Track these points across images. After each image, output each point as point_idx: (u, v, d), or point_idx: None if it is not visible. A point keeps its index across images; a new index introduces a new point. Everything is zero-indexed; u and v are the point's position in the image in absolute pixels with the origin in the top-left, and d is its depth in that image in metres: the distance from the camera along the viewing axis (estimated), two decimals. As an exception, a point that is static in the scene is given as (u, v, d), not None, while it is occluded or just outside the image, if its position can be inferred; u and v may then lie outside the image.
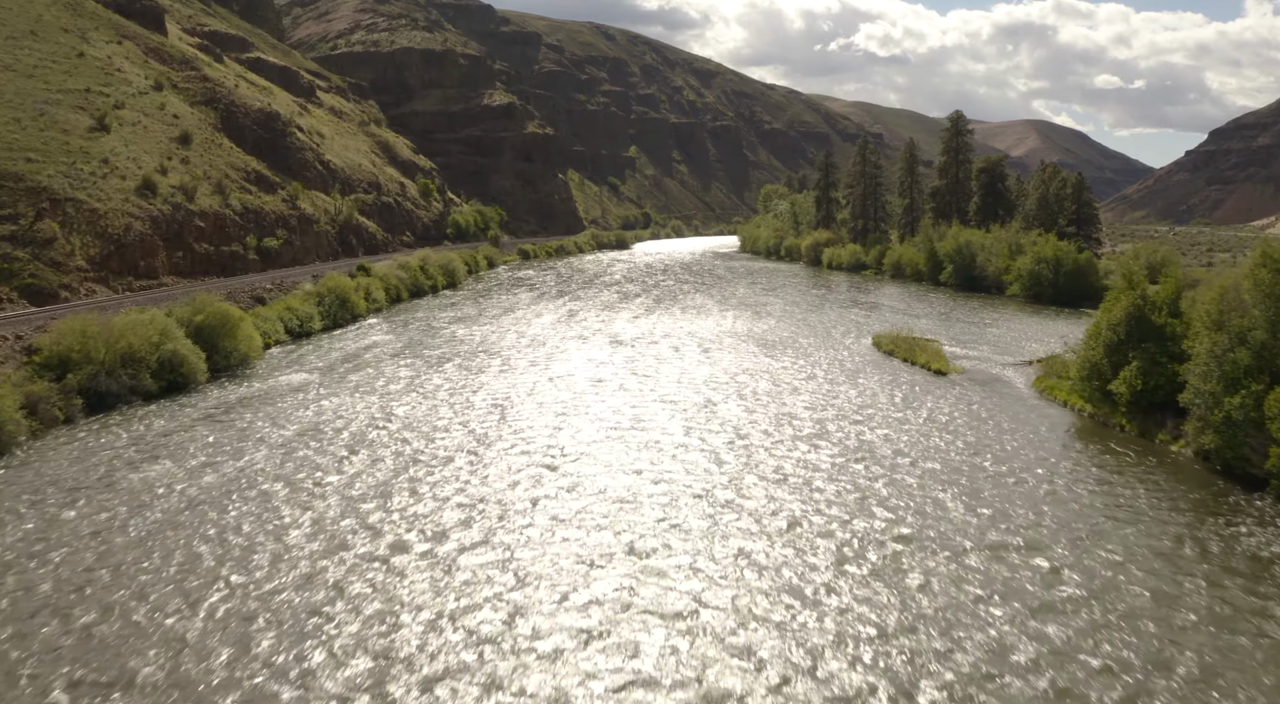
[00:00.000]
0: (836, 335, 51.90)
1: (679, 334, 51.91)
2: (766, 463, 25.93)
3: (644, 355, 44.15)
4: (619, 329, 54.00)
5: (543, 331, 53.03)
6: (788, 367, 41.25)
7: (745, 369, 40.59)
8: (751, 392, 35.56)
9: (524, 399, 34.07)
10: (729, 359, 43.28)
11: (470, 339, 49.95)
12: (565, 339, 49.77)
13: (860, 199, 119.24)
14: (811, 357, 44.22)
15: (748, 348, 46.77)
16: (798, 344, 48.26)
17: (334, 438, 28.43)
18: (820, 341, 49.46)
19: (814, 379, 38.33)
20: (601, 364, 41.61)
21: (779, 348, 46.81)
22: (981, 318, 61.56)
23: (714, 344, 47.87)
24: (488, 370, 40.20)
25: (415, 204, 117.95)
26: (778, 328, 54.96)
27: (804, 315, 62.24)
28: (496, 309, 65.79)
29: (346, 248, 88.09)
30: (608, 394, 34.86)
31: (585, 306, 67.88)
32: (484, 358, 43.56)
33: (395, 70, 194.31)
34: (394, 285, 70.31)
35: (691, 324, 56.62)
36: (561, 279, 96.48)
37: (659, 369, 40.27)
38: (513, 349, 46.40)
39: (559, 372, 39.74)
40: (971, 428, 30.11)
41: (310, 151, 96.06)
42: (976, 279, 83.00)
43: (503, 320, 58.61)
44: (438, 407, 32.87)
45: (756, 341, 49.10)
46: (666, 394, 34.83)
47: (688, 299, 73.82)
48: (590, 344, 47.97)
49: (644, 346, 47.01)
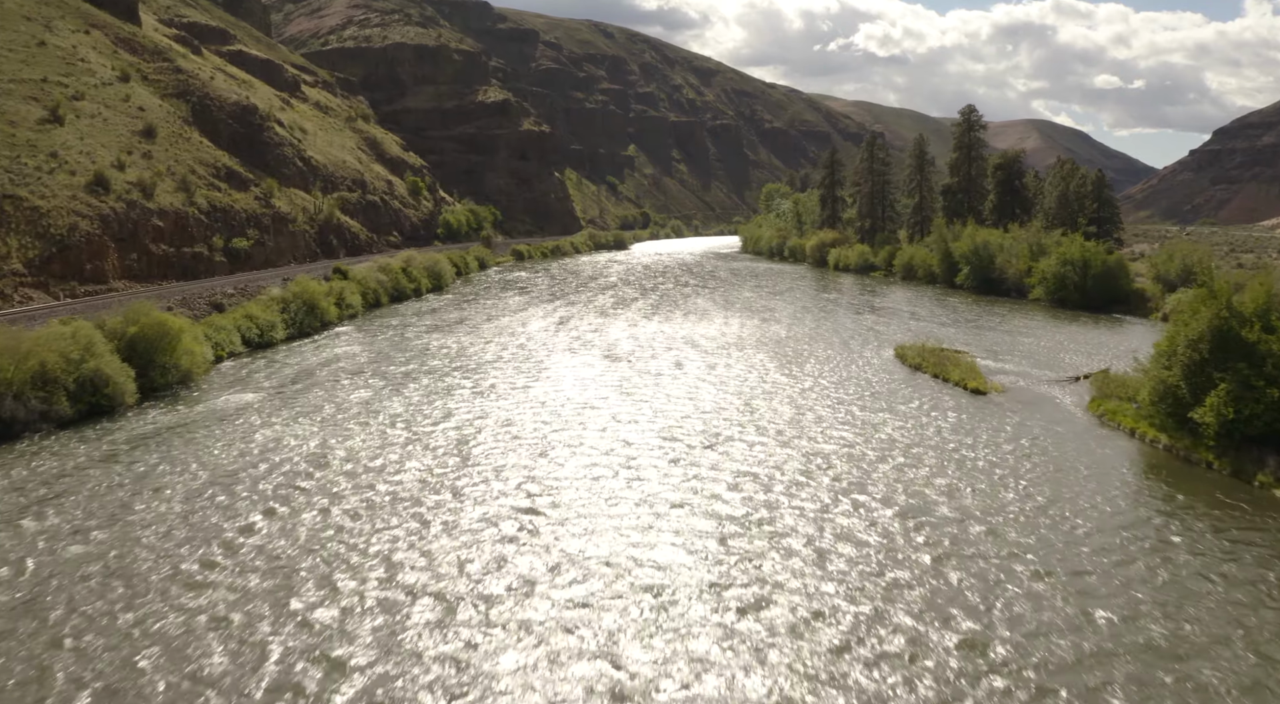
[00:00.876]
0: (855, 346, 46.95)
1: (680, 346, 46.87)
2: (795, 533, 19.89)
3: (641, 373, 38.89)
4: (614, 340, 48.82)
5: (528, 343, 47.90)
6: (807, 387, 36.14)
7: (758, 390, 35.41)
8: (769, 421, 30.17)
9: (495, 434, 28.49)
10: (739, 377, 38.07)
11: (445, 352, 44.87)
12: (553, 352, 44.58)
13: (868, 198, 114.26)
14: (831, 373, 39.23)
15: (758, 362, 41.69)
16: (814, 357, 43.25)
17: (251, 489, 23.21)
18: (838, 353, 44.49)
19: (840, 403, 33.05)
20: (592, 385, 36.24)
21: (793, 362, 41.77)
22: (1008, 325, 56.61)
23: (720, 358, 42.78)
24: (457, 393, 34.80)
25: (404, 203, 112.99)
26: (789, 337, 50.00)
27: (816, 323, 57.30)
28: (481, 316, 60.84)
29: (326, 249, 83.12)
30: (597, 428, 29.29)
31: (578, 313, 62.95)
32: (456, 376, 38.27)
33: (387, 66, 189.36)
34: (372, 289, 65.39)
35: (694, 333, 51.63)
36: (555, 282, 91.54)
37: (658, 391, 34.95)
38: (491, 365, 41.08)
39: (542, 395, 34.30)
40: (1040, 472, 24.96)
41: (290, 147, 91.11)
42: (995, 282, 78.04)
43: (485, 329, 53.63)
44: (390, 443, 27.40)
45: (768, 354, 44.04)
46: (667, 426, 29.37)
47: (689, 304, 68.92)
48: (580, 359, 42.85)
49: (641, 361, 41.88)
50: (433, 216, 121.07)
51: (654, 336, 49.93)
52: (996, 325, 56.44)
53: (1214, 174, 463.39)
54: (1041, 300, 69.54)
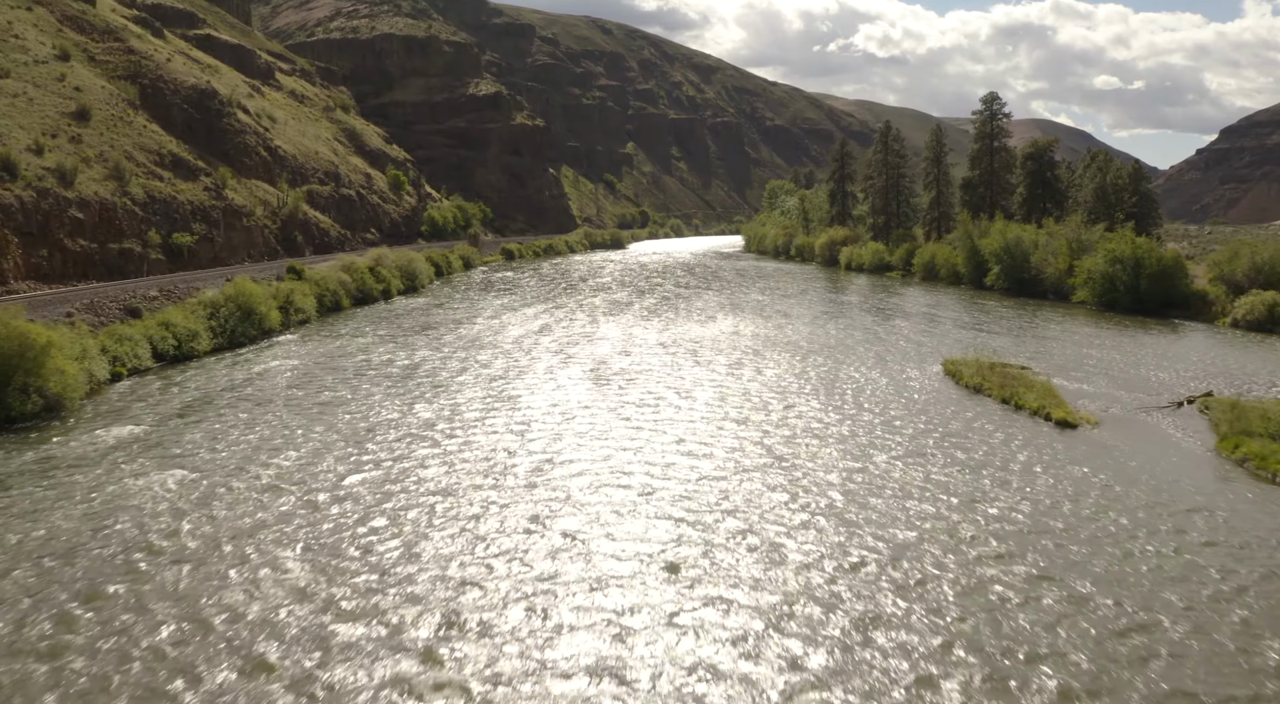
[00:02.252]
0: (893, 360, 39.08)
1: (684, 361, 38.78)
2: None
3: (635, 401, 30.54)
4: (603, 355, 40.48)
5: (497, 359, 39.57)
6: (852, 423, 27.78)
7: (790, 429, 26.88)
8: (817, 489, 20.92)
9: (426, 503, 19.78)
10: (760, 409, 29.61)
11: (390, 371, 36.62)
12: (525, 374, 36.07)
13: (881, 192, 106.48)
14: (876, 400, 31.24)
15: (782, 386, 33.41)
16: (849, 377, 35.21)
17: (72, 577, 15.63)
18: (876, 370, 36.57)
19: (903, 450, 24.42)
20: (569, 423, 27.55)
21: (826, 386, 33.53)
22: (1061, 332, 48.85)
23: (734, 380, 34.48)
24: (382, 437, 25.81)
25: (383, 198, 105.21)
26: (813, 350, 42.05)
27: (840, 330, 49.47)
28: (450, 322, 53.08)
29: (290, 246, 75.36)
30: (569, 498, 20.05)
31: (564, 319, 55.22)
32: (391, 409, 29.58)
33: (375, 58, 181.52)
34: (332, 291, 57.64)
35: (699, 344, 43.60)
36: (544, 282, 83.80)
37: (657, 433, 26.19)
38: (443, 392, 32.46)
39: (498, 445, 24.81)
40: (1209, 557, 17.17)
41: (254, 135, 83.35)
42: (1030, 282, 70.30)
43: (450, 339, 45.77)
44: (263, 521, 18.83)
45: (791, 374, 35.85)
46: (672, 500, 19.96)
47: (692, 305, 61.15)
48: (560, 380, 34.60)
49: (635, 384, 33.60)
50: (416, 213, 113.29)
51: (651, 349, 42.05)
52: (1048, 332, 48.68)
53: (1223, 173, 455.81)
54: (1087, 303, 61.86)
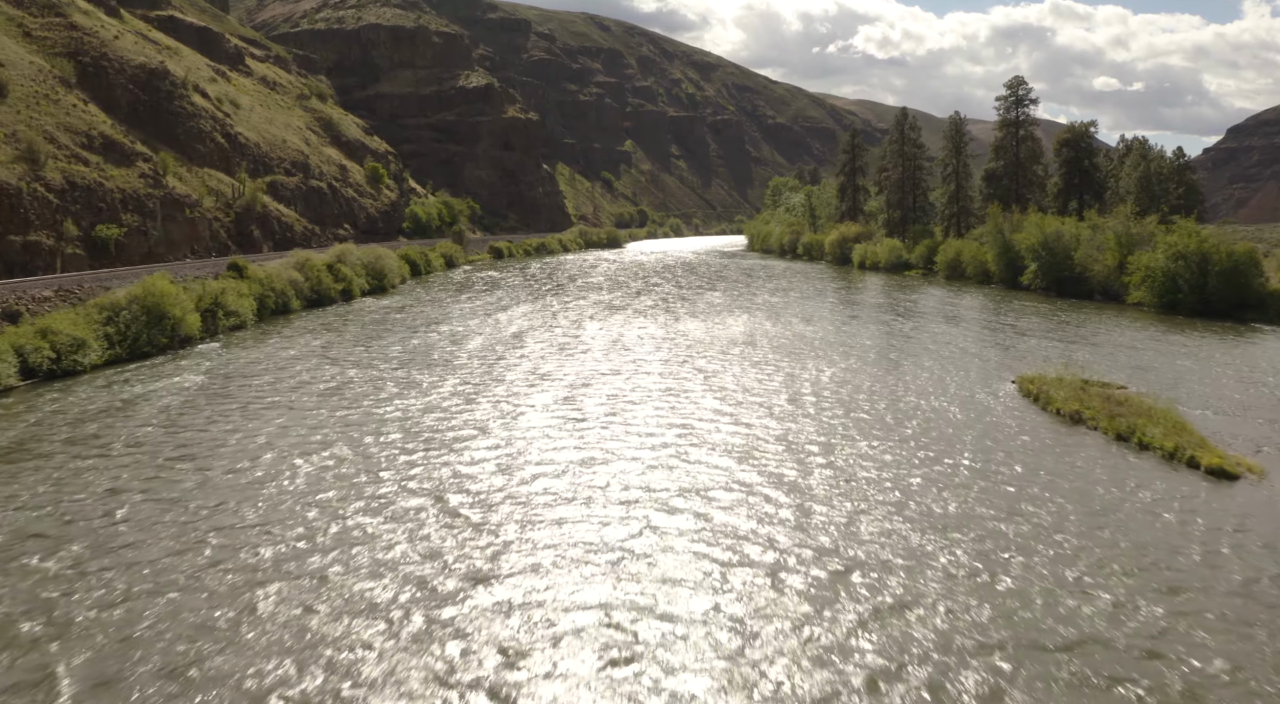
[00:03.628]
0: (952, 377, 31.04)
1: (687, 381, 30.46)
2: None
3: (624, 449, 21.74)
4: (585, 373, 32.10)
5: (448, 378, 31.14)
6: (922, 472, 19.81)
7: (841, 494, 18.67)
8: (899, 590, 13.95)
9: (292, 626, 12.58)
10: (797, 462, 20.74)
11: (305, 394, 28.33)
12: (478, 399, 27.53)
13: (897, 185, 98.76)
14: (945, 435, 23.23)
15: (823, 420, 24.85)
16: (903, 404, 26.87)
17: None
18: (935, 391, 28.48)
19: (1005, 532, 16.49)
20: (539, 476, 19.46)
21: (877, 419, 25.05)
22: (1137, 340, 41.04)
23: (755, 412, 25.74)
24: (277, 498, 18.19)
25: (359, 191, 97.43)
26: (851, 366, 33.88)
27: (876, 339, 41.56)
28: (408, 328, 45.28)
29: (244, 241, 67.58)
30: (532, 614, 13.16)
31: (544, 323, 47.50)
32: (272, 456, 21.41)
33: (361, 49, 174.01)
34: (279, 291, 49.92)
35: (704, 357, 35.59)
36: (530, 282, 76.09)
37: (652, 506, 17.79)
38: (357, 430, 23.35)
39: (432, 509, 17.16)
40: None
41: (210, 120, 75.62)
42: (1072, 281, 62.61)
43: (398, 351, 37.82)
44: (49, 637, 11.97)
45: (832, 401, 27.39)
46: (683, 615, 13.08)
47: (695, 309, 53.40)
48: (528, 407, 26.35)
49: (625, 420, 24.70)
50: (396, 208, 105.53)
51: (647, 365, 34.09)
52: (1116, 339, 40.89)
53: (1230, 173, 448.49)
54: (1145, 304, 54.16)
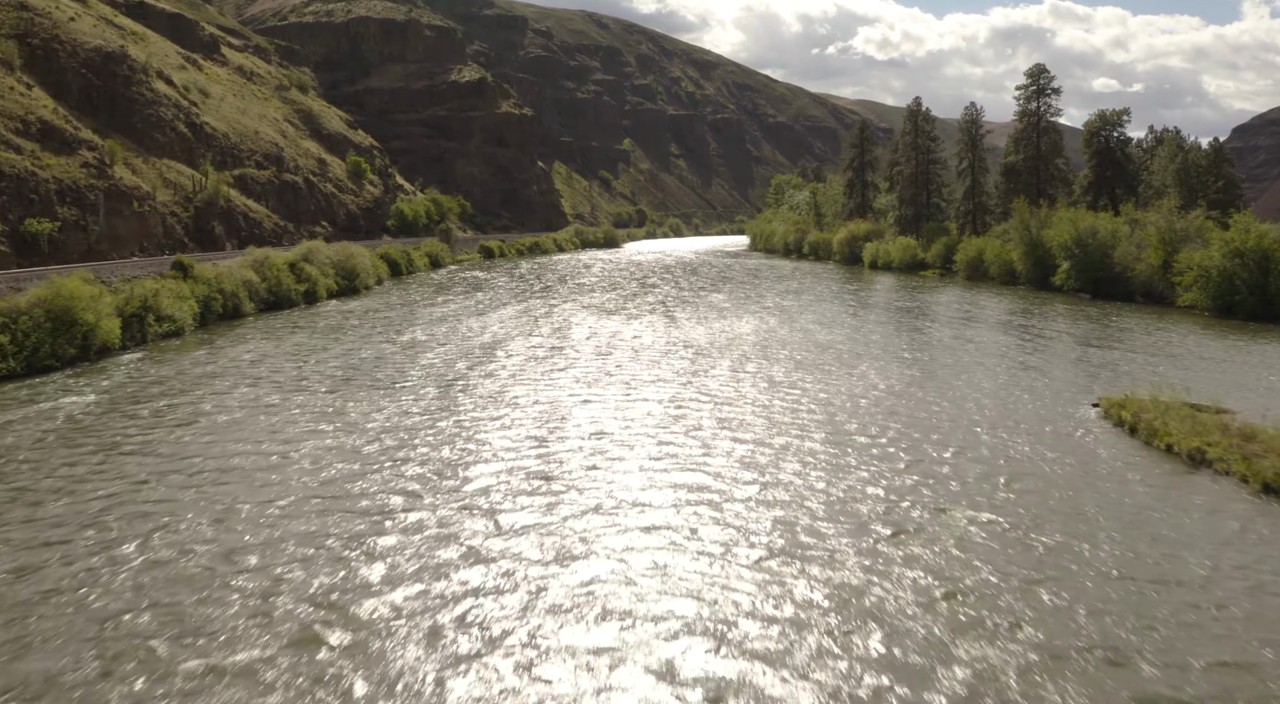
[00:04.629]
0: (1018, 402, 24.85)
1: (692, 414, 23.39)
2: None
3: (618, 520, 15.62)
4: (564, 400, 24.52)
5: (385, 405, 24.08)
6: (1024, 558, 14.45)
7: (920, 591, 13.55)
8: None
9: None
10: (858, 544, 14.78)
11: (207, 423, 22.22)
12: (425, 433, 20.93)
13: (910, 181, 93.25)
14: (1039, 492, 17.39)
15: (875, 474, 18.34)
16: (969, 440, 20.70)
17: None
18: (1004, 422, 22.21)
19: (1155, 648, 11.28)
20: (495, 563, 13.58)
21: (952, 476, 18.57)
22: (1224, 352, 35.43)
23: (775, 457, 19.25)
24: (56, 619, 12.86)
25: (339, 187, 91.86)
26: (882, 381, 27.94)
27: (908, 349, 35.88)
28: (366, 335, 39.62)
29: (205, 238, 61.99)
30: None
31: (525, 331, 41.92)
32: (139, 532, 15.91)
33: (350, 43, 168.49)
34: (229, 293, 44.36)
35: (709, 376, 29.12)
36: (516, 283, 70.54)
37: (658, 608, 12.20)
38: (252, 488, 16.87)
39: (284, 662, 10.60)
40: None
41: (172, 108, 70.09)
42: (1110, 281, 57.07)
43: (338, 365, 31.87)
44: None
45: (881, 439, 20.82)
46: None
47: (697, 312, 47.82)
48: (477, 458, 19.18)
49: (606, 479, 17.85)
50: (380, 205, 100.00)
51: (642, 390, 27.88)
52: (1196, 350, 35.26)
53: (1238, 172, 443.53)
54: (1197, 307, 48.62)
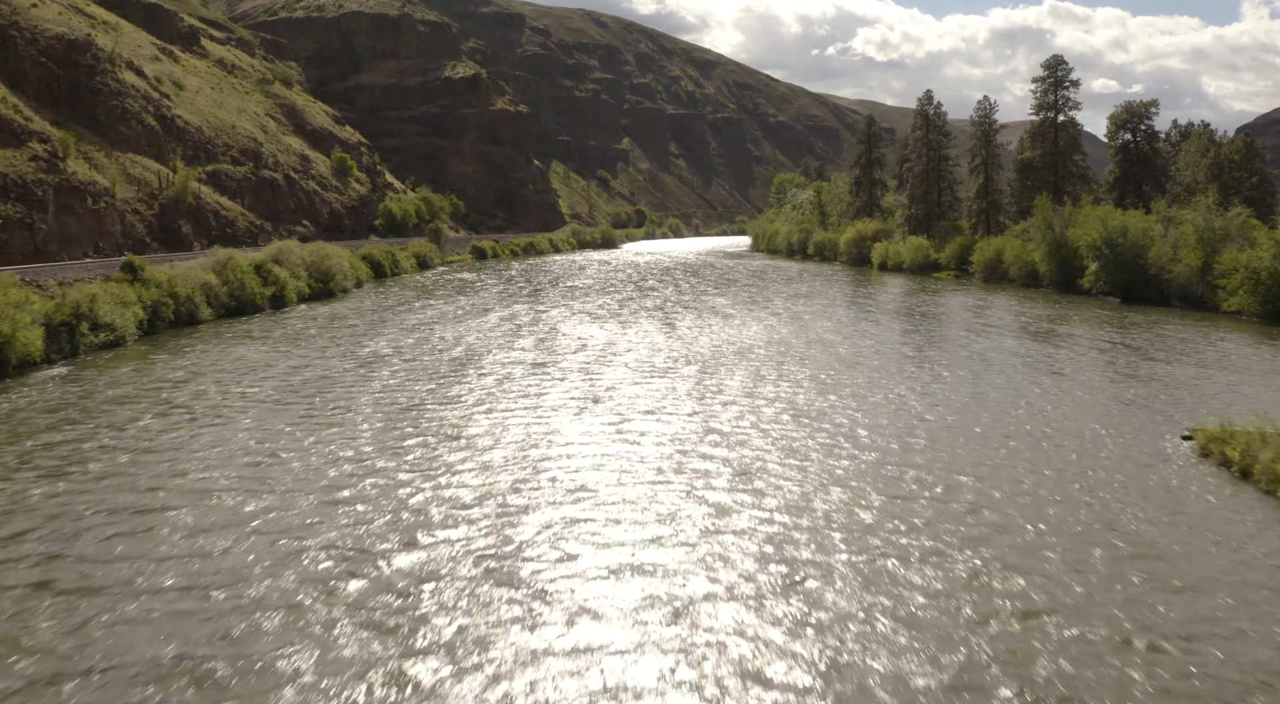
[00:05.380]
0: (1096, 434, 20.44)
1: (700, 460, 18.47)
2: None
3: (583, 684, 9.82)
4: (538, 440, 19.77)
5: (330, 443, 19.62)
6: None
7: None
8: None
9: None
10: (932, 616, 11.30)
11: (90, 469, 18.05)
12: (362, 485, 16.35)
13: (921, 178, 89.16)
14: (1151, 569, 13.72)
15: (935, 541, 14.30)
16: (1041, 496, 16.67)
17: None
18: (1089, 462, 18.27)
19: None
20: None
21: (1042, 550, 14.94)
22: (1276, 361, 31.32)
23: (811, 526, 15.12)
24: None
25: (323, 184, 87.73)
26: (928, 410, 23.09)
27: (946, 364, 31.57)
28: (312, 351, 35.47)
29: (171, 238, 57.83)
30: None
31: (505, 342, 37.79)
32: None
33: (342, 38, 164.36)
34: (184, 298, 40.22)
35: (717, 401, 24.40)
36: (504, 287, 66.44)
37: None
38: (109, 594, 12.81)
39: None
40: None
41: (140, 100, 65.97)
42: (1143, 284, 52.95)
43: (276, 387, 27.79)
44: None
45: (942, 494, 16.58)
46: None
47: (700, 320, 43.67)
48: (427, 537, 14.50)
49: (587, 555, 13.95)
50: (367, 204, 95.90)
51: (635, 422, 22.60)
52: (1267, 363, 31.13)
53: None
54: (1244, 313, 44.51)
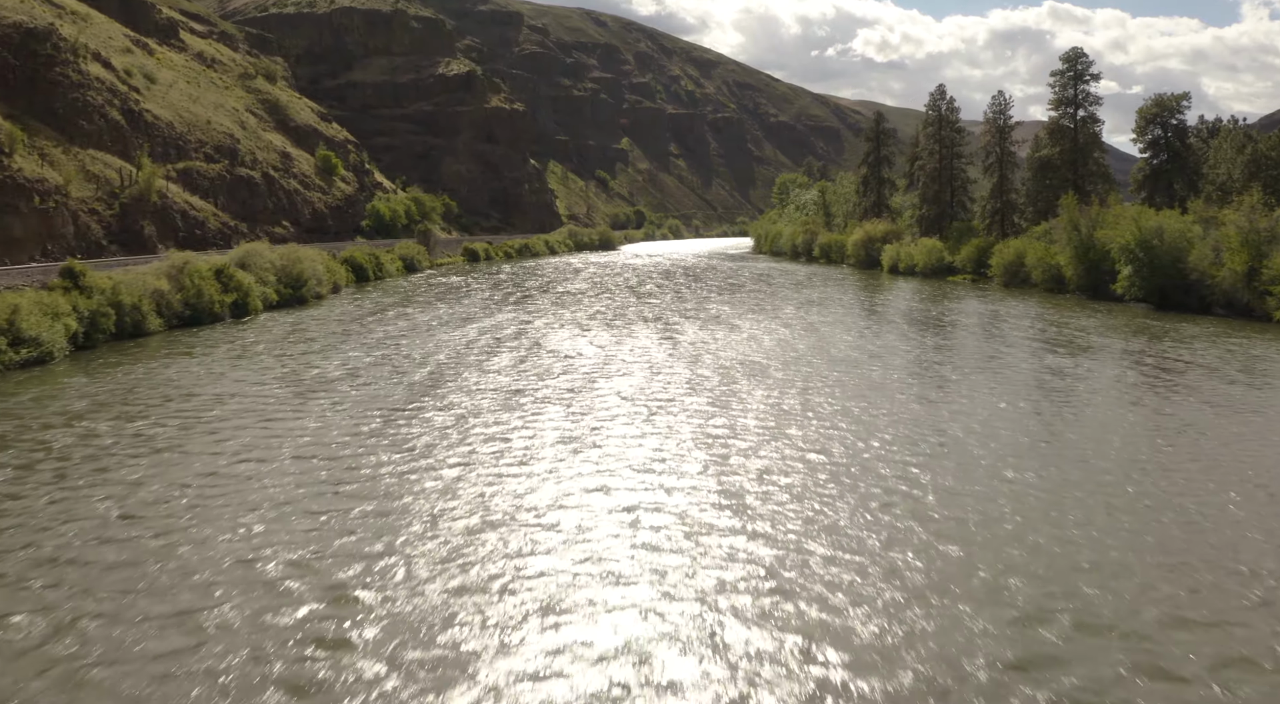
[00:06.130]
0: (1220, 506, 16.42)
1: (716, 555, 12.42)
2: None
3: None
4: (507, 507, 14.25)
5: (227, 521, 14.02)
6: None
7: None
8: None
9: None
10: None
11: None
12: (247, 610, 10.71)
13: (935, 176, 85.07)
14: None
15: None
16: (1202, 612, 11.94)
17: None
18: (1221, 559, 14.32)
19: None
20: None
21: None
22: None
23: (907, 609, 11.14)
24: None
25: (306, 183, 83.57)
26: (1005, 466, 17.73)
27: (996, 396, 27.19)
28: (253, 371, 31.28)
29: (133, 239, 53.66)
30: None
31: (477, 361, 33.62)
32: None
33: (333, 35, 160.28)
34: (130, 307, 36.10)
35: (731, 449, 19.04)
36: (491, 293, 62.29)
37: None
38: None
39: None
40: None
41: (105, 93, 61.84)
42: (1181, 290, 48.72)
43: (184, 425, 23.61)
44: None
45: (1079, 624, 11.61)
46: None
47: (704, 333, 39.53)
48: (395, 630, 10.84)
49: None
50: (353, 204, 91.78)
51: (629, 478, 17.83)
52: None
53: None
54: (1304, 323, 40.36)
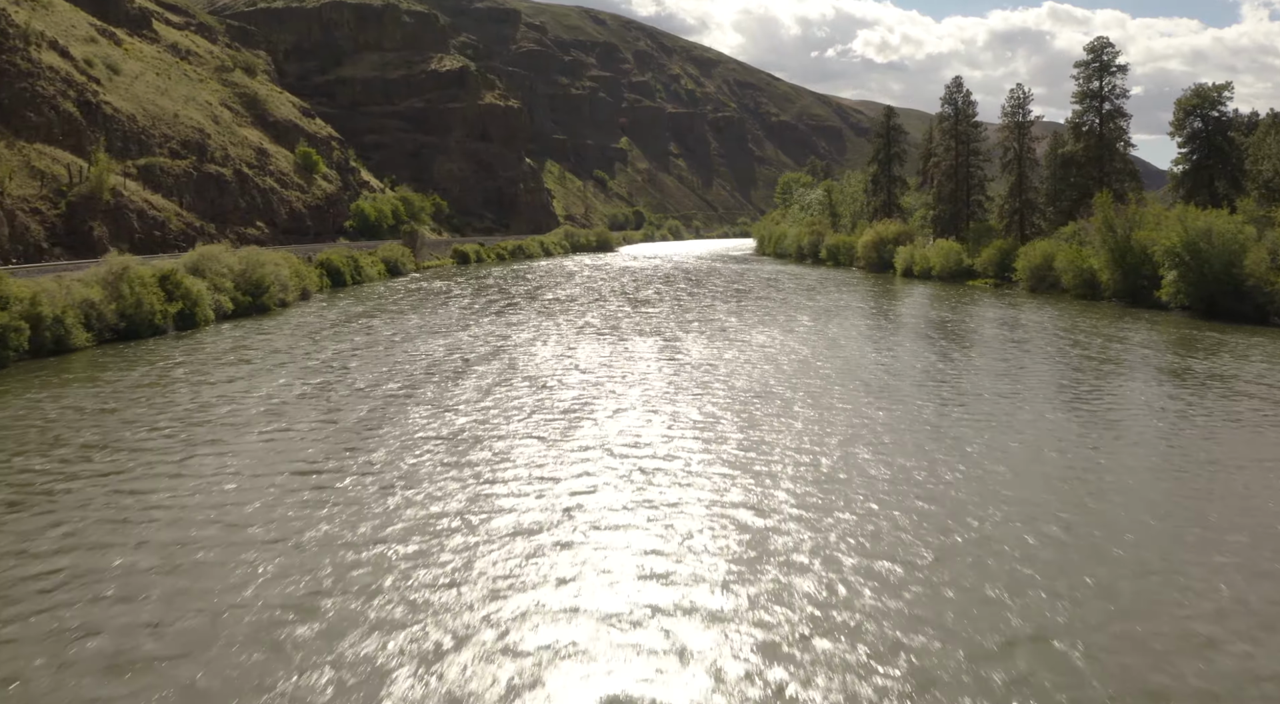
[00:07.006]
0: None
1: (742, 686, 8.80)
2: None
3: None
4: (460, 612, 10.31)
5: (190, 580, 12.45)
6: None
7: None
8: None
9: None
10: None
11: None
12: None
13: (950, 174, 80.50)
14: None
15: None
16: None
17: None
18: None
19: None
20: None
21: None
22: None
23: None
24: None
25: (283, 181, 78.90)
26: (1132, 554, 13.20)
27: (1080, 442, 22.39)
28: (153, 409, 26.64)
29: (80, 242, 48.98)
30: None
31: (445, 390, 28.97)
32: None
33: (323, 29, 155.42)
34: (53, 320, 31.47)
35: (753, 516, 13.71)
36: (474, 299, 57.65)
37: None
38: None
39: None
40: None
41: (59, 83, 57.22)
42: (1234, 297, 44.05)
43: (65, 469, 19.14)
44: None
45: None
46: None
47: (710, 348, 34.85)
48: None
49: None
50: (335, 203, 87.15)
51: (623, 572, 13.16)
52: None
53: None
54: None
